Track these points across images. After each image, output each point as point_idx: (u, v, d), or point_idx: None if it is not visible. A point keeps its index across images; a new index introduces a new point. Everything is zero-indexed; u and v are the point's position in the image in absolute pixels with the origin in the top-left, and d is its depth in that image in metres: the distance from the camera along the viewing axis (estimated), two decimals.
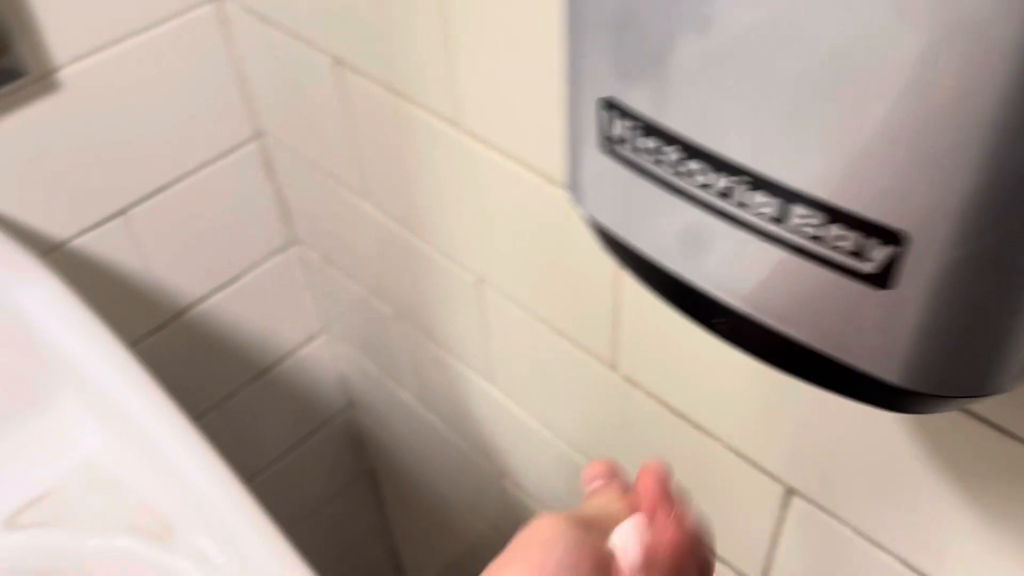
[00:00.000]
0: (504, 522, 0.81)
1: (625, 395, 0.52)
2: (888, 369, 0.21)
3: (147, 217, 0.68)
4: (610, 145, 0.24)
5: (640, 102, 0.22)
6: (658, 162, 0.23)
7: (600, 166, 0.25)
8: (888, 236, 0.19)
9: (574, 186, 0.27)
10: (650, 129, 0.22)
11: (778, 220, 0.21)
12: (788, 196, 0.20)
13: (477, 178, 0.52)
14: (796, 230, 0.21)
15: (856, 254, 0.20)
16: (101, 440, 0.51)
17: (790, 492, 0.46)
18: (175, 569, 0.47)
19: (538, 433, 0.65)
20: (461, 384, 0.71)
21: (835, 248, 0.20)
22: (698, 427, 0.49)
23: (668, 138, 0.22)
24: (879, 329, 0.21)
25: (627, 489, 0.35)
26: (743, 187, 0.21)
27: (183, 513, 0.48)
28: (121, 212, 0.66)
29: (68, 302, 0.53)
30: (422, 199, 0.59)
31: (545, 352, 0.58)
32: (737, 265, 0.23)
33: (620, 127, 0.23)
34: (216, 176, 0.71)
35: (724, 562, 0.55)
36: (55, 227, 0.62)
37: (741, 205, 0.21)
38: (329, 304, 0.84)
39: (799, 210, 0.20)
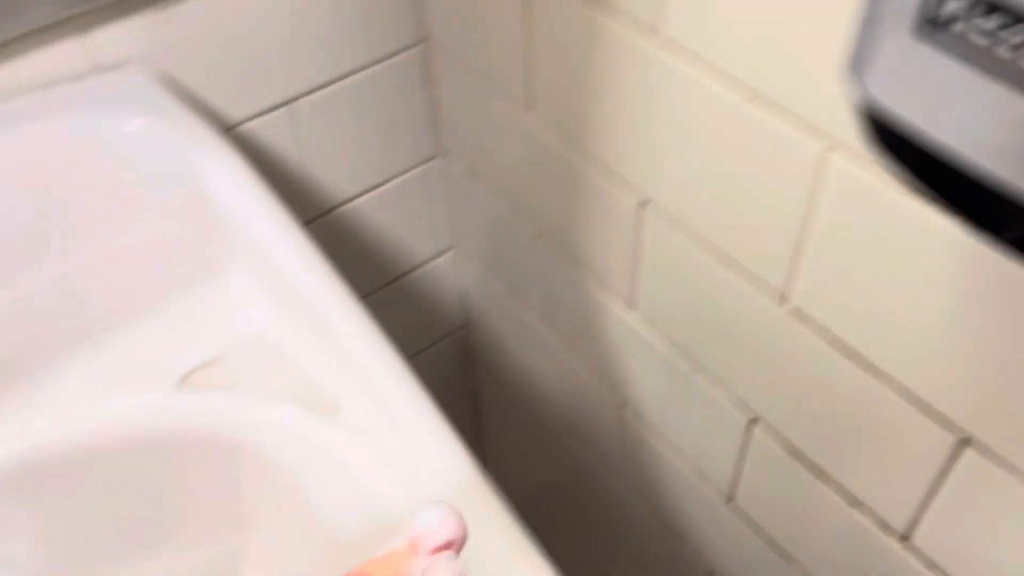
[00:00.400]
0: (615, 452, 0.81)
1: (789, 331, 0.51)
2: None
3: (309, 111, 0.69)
4: (931, 27, 0.23)
5: None
6: (995, 45, 0.22)
7: (907, 50, 0.24)
8: None
9: (859, 71, 0.26)
10: (995, 6, 0.21)
11: None
12: None
13: (665, 94, 0.51)
14: None
15: None
16: (271, 313, 0.53)
17: (964, 442, 0.45)
18: (340, 445, 0.48)
19: (674, 365, 0.65)
20: (595, 309, 0.71)
21: None
22: (870, 367, 0.48)
23: (1018, 15, 0.21)
24: None
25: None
26: None
27: (349, 391, 0.49)
28: (288, 102, 0.67)
29: (247, 178, 0.54)
30: (594, 115, 0.58)
31: (701, 282, 0.57)
32: None
33: (953, 5, 0.22)
34: (377, 78, 0.71)
35: (866, 509, 0.54)
36: (229, 108, 0.63)
37: None
38: (464, 220, 0.85)
39: None
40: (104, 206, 0.55)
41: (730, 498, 0.68)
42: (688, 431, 0.68)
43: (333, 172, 0.75)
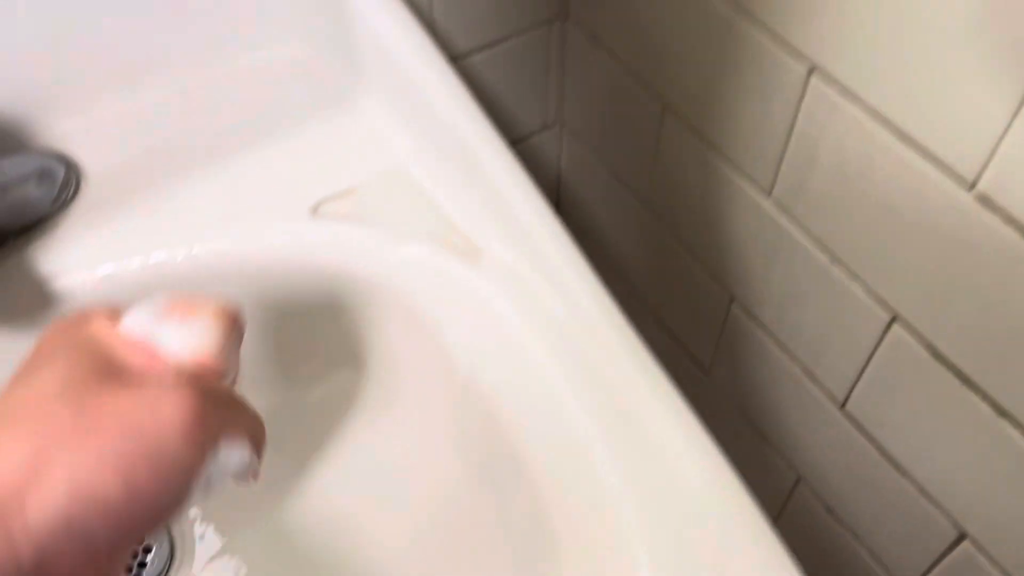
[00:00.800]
0: (708, 349, 0.79)
1: (972, 219, 0.47)
2: None
3: None
4: None
5: None
6: None
7: None
8: None
9: None
10: None
11: None
12: None
13: None
14: None
15: None
16: (411, 148, 0.50)
17: None
18: (482, 292, 0.45)
19: (809, 256, 0.61)
20: (721, 194, 0.67)
21: None
22: None
23: None
24: None
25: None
26: None
27: (494, 235, 0.46)
28: None
29: (392, 3, 0.50)
30: None
31: (862, 163, 0.53)
32: None
33: None
34: None
35: (1016, 422, 0.51)
36: None
37: None
38: (577, 93, 0.80)
39: None
40: (238, 20, 0.51)
41: (843, 403, 0.65)
42: (808, 329, 0.65)
43: (453, 23, 0.70)
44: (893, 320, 0.56)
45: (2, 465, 0.22)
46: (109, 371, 0.25)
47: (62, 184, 0.47)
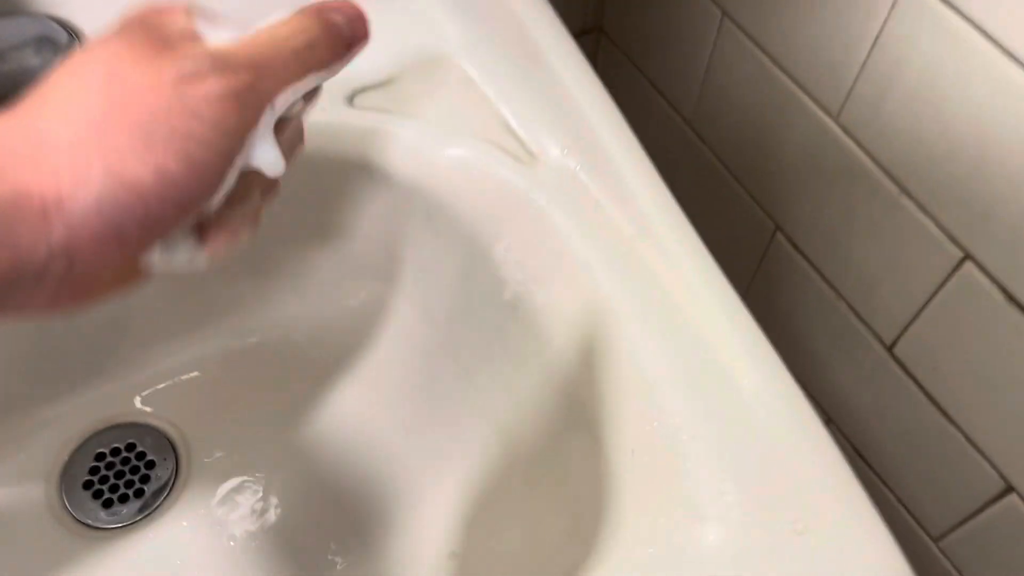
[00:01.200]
0: (744, 279, 0.75)
1: None
2: None
3: None
4: None
5: None
6: None
7: None
8: None
9: None
10: None
11: None
12: None
13: None
14: None
15: None
16: (461, 35, 0.44)
17: None
18: (537, 201, 0.40)
19: (877, 185, 0.56)
20: (781, 113, 0.62)
21: None
22: None
23: None
24: None
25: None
26: None
27: (553, 140, 0.41)
28: None
29: None
30: None
31: (964, 81, 0.47)
32: None
33: None
34: None
35: None
36: None
37: None
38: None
39: None
40: None
41: (891, 345, 0.61)
42: (862, 264, 0.60)
43: None
44: (965, 259, 0.52)
45: (46, 159, 0.22)
46: (160, 51, 0.24)
47: (64, 52, 0.41)
